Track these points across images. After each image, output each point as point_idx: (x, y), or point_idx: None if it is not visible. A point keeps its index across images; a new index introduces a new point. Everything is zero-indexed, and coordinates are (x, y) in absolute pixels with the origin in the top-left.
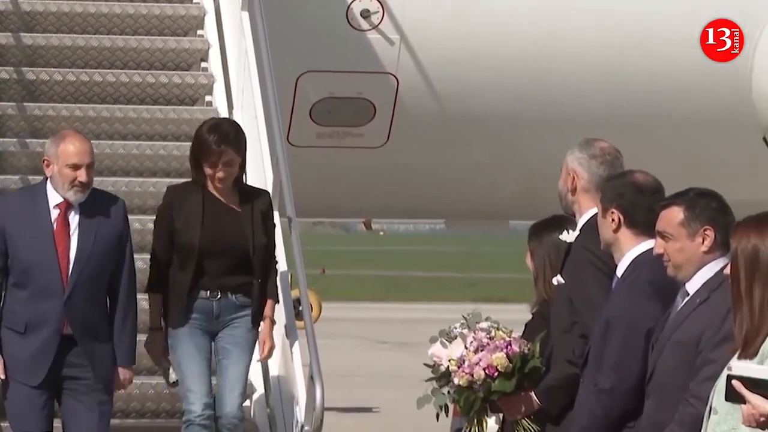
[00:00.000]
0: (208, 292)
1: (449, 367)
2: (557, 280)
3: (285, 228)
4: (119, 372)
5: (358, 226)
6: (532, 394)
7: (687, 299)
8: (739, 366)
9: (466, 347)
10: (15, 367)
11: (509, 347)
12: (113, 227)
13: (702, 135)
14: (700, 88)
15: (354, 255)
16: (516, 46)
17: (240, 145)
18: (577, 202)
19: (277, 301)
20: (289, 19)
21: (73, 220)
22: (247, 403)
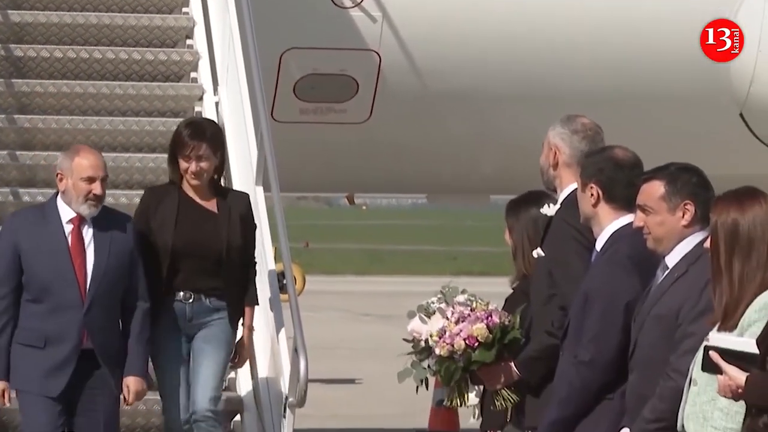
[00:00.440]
0: (182, 294)
1: (429, 341)
2: (537, 253)
3: (270, 203)
4: (134, 382)
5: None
6: (512, 364)
7: (666, 273)
8: (716, 337)
9: (447, 318)
10: (31, 380)
11: (489, 318)
12: (125, 243)
13: (680, 111)
14: (679, 66)
15: (337, 229)
16: (498, 24)
17: (216, 143)
18: (559, 177)
19: (257, 304)
20: None
21: (86, 235)
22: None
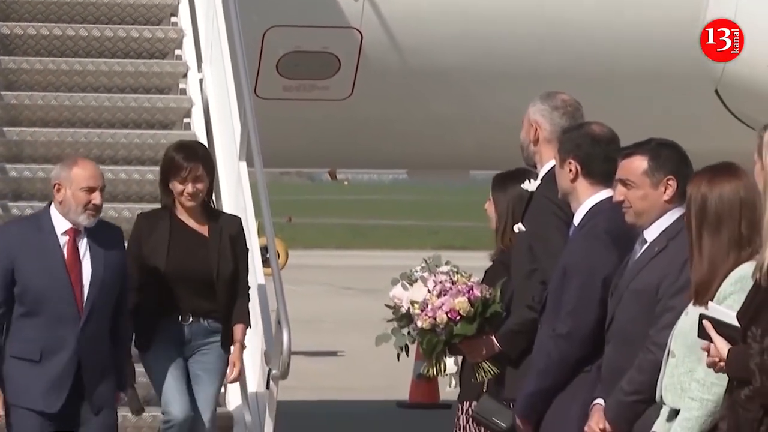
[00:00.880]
0: (180, 317)
1: (410, 309)
2: (518, 227)
3: (253, 178)
4: (131, 395)
5: (324, 176)
6: (493, 337)
7: (645, 247)
8: (712, 307)
9: (429, 291)
10: (26, 395)
11: (471, 292)
12: (118, 255)
13: (656, 87)
14: (656, 42)
15: (319, 204)
16: (479, 1)
17: (208, 164)
18: (539, 153)
19: (248, 326)
20: None
21: (81, 246)
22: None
